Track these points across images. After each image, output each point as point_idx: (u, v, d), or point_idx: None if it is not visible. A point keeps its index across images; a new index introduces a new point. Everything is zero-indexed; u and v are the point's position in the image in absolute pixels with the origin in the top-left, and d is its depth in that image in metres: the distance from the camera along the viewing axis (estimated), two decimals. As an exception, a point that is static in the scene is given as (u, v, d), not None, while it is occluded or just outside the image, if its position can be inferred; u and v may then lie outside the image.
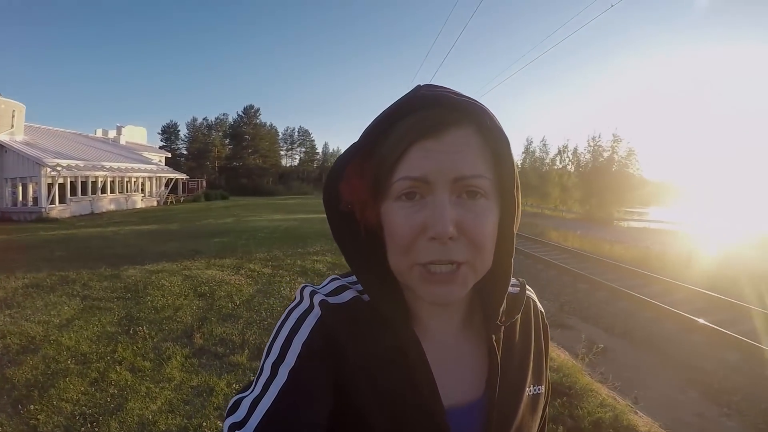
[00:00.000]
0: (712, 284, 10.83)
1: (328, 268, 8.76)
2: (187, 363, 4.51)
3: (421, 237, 0.59)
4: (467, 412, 0.68)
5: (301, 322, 0.64)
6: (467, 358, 0.71)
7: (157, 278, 7.25)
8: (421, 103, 0.61)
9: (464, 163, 0.59)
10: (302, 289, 0.70)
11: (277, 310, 6.10)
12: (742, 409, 5.41)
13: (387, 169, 0.61)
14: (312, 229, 15.30)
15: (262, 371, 0.63)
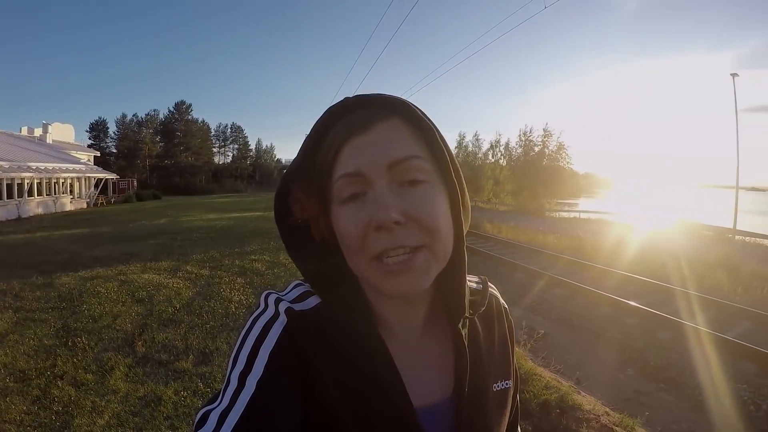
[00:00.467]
0: (641, 269, 11.39)
1: (266, 268, 8.65)
2: (131, 373, 4.35)
3: (369, 231, 0.59)
4: (437, 410, 0.68)
5: (267, 330, 0.63)
6: (434, 357, 0.71)
7: (92, 285, 6.95)
8: (346, 108, 0.64)
9: (394, 148, 0.60)
10: (266, 296, 0.69)
11: (219, 312, 5.98)
12: (678, 383, 5.77)
13: (326, 176, 0.63)
14: (247, 228, 15.12)
15: (229, 382, 0.61)
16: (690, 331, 6.99)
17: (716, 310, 8.49)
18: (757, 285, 10.72)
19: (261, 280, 7.69)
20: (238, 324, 5.53)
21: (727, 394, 5.42)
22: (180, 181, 75.23)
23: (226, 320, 5.73)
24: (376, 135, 0.61)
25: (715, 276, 11.52)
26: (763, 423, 4.91)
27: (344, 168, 0.61)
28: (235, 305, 6.29)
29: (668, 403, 5.37)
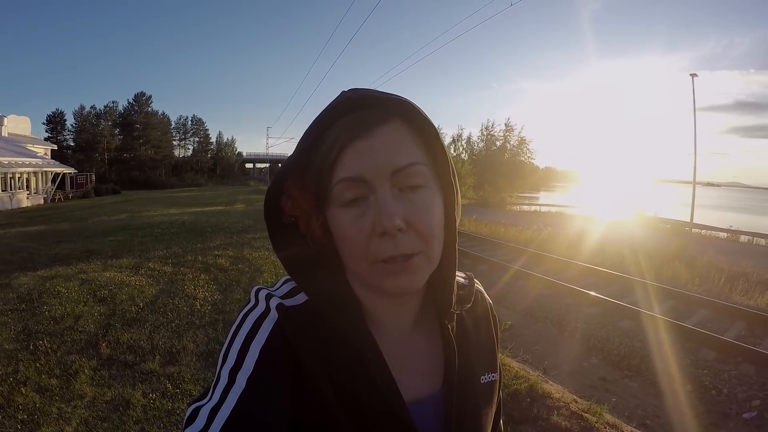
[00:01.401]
0: (601, 261, 11.67)
1: (230, 263, 8.48)
2: (97, 376, 4.19)
3: (372, 236, 0.60)
4: (427, 404, 0.69)
5: (257, 326, 0.63)
6: (423, 352, 0.72)
7: (52, 285, 6.71)
8: (348, 106, 0.63)
9: (398, 155, 0.61)
10: (257, 291, 0.69)
11: (184, 310, 5.84)
12: (641, 370, 5.95)
13: (325, 176, 0.62)
14: (209, 222, 14.81)
15: (219, 378, 0.61)
16: (651, 320, 7.21)
17: (675, 299, 8.80)
18: (714, 275, 11.16)
19: (225, 277, 7.55)
20: (204, 322, 5.44)
21: (688, 379, 5.63)
22: (139, 176, 72.95)
23: (192, 318, 5.59)
24: (379, 139, 0.61)
25: (673, 267, 11.94)
26: (725, 406, 5.12)
27: (346, 172, 0.60)
28: (200, 302, 6.16)
29: (633, 390, 5.53)
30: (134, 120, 79.01)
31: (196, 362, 4.43)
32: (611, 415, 4.18)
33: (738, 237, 23.02)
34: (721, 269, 11.80)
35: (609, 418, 4.04)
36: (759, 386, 5.37)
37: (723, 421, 4.91)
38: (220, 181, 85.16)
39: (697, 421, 4.90)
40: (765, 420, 4.84)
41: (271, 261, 8.67)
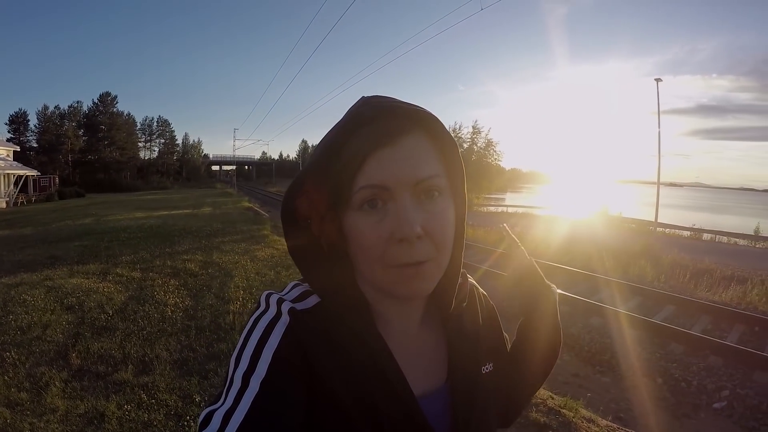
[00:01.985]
0: (569, 260, 11.86)
1: (200, 268, 8.37)
2: (69, 388, 4.03)
3: (390, 242, 0.62)
4: (435, 398, 0.71)
5: (269, 330, 0.64)
6: (428, 348, 0.75)
7: (17, 293, 6.50)
8: (373, 114, 0.64)
9: (419, 166, 0.63)
10: (267, 296, 0.69)
11: (155, 317, 5.70)
12: (612, 365, 6.08)
13: (347, 181, 0.63)
14: (177, 226, 14.58)
15: (233, 382, 0.61)
16: (620, 316, 7.38)
17: (642, 296, 9.03)
18: (679, 272, 11.48)
19: (195, 282, 7.44)
20: (177, 329, 5.33)
21: (659, 373, 5.78)
22: (104, 178, 71.23)
23: (163, 325, 5.46)
24: (402, 150, 0.62)
25: (639, 265, 12.24)
26: (695, 397, 5.29)
27: (369, 179, 0.62)
28: (171, 309, 6.04)
29: (605, 384, 5.64)
30: (99, 121, 77.18)
31: (170, 371, 4.31)
32: (587, 410, 4.26)
33: (701, 235, 23.75)
34: (686, 266, 12.13)
35: (585, 413, 4.12)
36: (727, 377, 5.58)
37: (694, 412, 5.07)
38: (187, 183, 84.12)
39: (670, 413, 5.05)
40: (734, 409, 5.02)
41: (242, 265, 8.60)
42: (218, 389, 0.63)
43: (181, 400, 3.79)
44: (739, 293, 9.76)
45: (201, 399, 3.78)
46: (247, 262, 9.05)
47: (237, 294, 6.62)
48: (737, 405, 5.05)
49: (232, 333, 5.16)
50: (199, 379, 4.12)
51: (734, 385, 5.38)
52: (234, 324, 5.43)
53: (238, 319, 5.58)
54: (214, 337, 5.06)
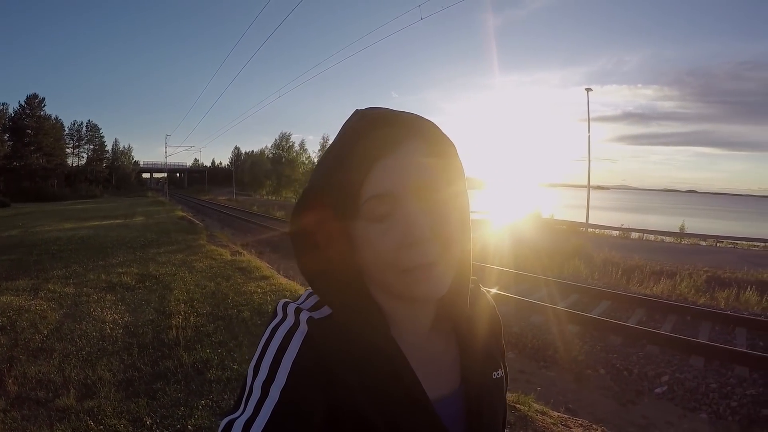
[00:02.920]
0: (506, 262, 12.16)
1: (136, 281, 8.05)
2: (8, 419, 3.69)
3: (401, 247, 0.63)
4: (449, 402, 0.72)
5: (288, 339, 0.64)
6: (440, 353, 0.76)
7: (-61, 314, 6.08)
8: (372, 125, 0.66)
9: (422, 171, 0.64)
10: (284, 305, 0.70)
11: (94, 336, 5.38)
12: (556, 360, 6.34)
13: (353, 192, 0.64)
14: (109, 237, 14.02)
15: (252, 392, 0.62)
16: (559, 313, 7.67)
17: (579, 293, 9.40)
18: (611, 269, 12.13)
19: (132, 296, 7.12)
20: (118, 347, 5.05)
21: (601, 364, 6.07)
22: (30, 186, 66.16)
23: (103, 344, 5.16)
24: (404, 156, 0.64)
25: (573, 264, 12.76)
26: (637, 384, 5.62)
27: (375, 189, 0.63)
28: (109, 326, 5.73)
29: (551, 378, 5.86)
30: (25, 125, 71.87)
31: (115, 393, 4.05)
32: (538, 403, 4.38)
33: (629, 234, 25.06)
34: (617, 264, 12.76)
35: (537, 407, 4.24)
36: (665, 364, 5.92)
37: (638, 398, 5.37)
38: (116, 192, 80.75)
39: (615, 400, 5.33)
40: (675, 392, 5.37)
41: (180, 277, 8.33)
42: (235, 399, 0.63)
43: (131, 424, 3.57)
44: (669, 286, 10.38)
45: (152, 422, 3.57)
46: (186, 273, 8.77)
47: (178, 308, 6.39)
48: (677, 388, 5.40)
49: (176, 349, 4.92)
50: (147, 400, 3.90)
51: (672, 370, 5.73)
52: (178, 339, 5.19)
53: (182, 334, 5.35)
54: (159, 354, 4.83)
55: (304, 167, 67.99)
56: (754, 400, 5.04)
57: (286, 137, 73.42)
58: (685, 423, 4.90)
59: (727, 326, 7.44)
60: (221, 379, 4.22)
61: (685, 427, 4.83)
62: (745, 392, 5.16)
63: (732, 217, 77.07)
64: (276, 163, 70.96)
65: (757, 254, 18.31)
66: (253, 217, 27.80)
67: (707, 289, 10.44)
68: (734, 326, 7.39)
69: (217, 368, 4.45)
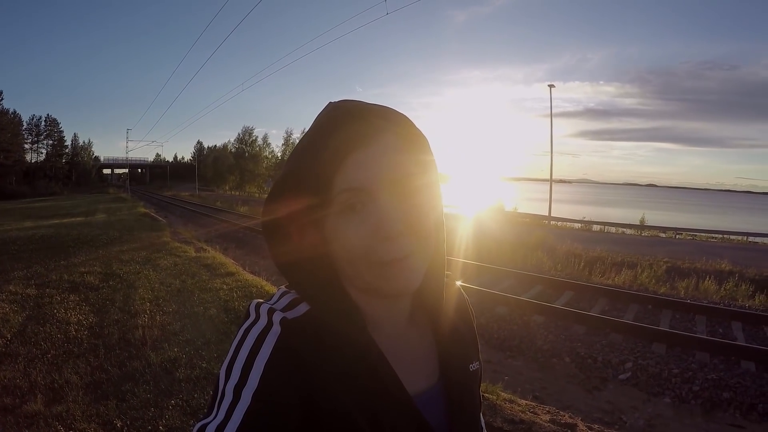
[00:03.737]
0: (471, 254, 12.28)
1: (100, 281, 7.83)
2: None
3: (374, 241, 0.63)
4: (429, 396, 0.72)
5: (261, 341, 0.63)
6: (417, 347, 0.76)
7: None
8: (345, 117, 0.66)
9: (395, 165, 0.64)
10: (256, 306, 0.68)
11: (58, 338, 5.22)
12: (522, 349, 6.50)
13: (325, 185, 0.64)
14: (71, 235, 13.52)
15: (224, 395, 0.61)
16: (524, 304, 7.83)
17: (542, 284, 9.61)
18: (573, 261, 12.42)
19: (97, 296, 6.94)
20: (84, 349, 4.92)
21: (566, 352, 6.23)
22: None
23: (69, 346, 5.01)
24: (378, 150, 0.64)
25: (536, 256, 12.98)
26: (602, 371, 5.80)
27: (348, 182, 0.63)
28: (74, 327, 5.57)
29: (518, 368, 6.00)
30: None
31: (83, 397, 3.94)
32: (506, 392, 4.46)
33: (591, 227, 25.58)
34: (579, 255, 13.05)
35: (505, 395, 4.32)
36: (628, 351, 6.13)
37: (603, 384, 5.55)
38: (77, 188, 78.25)
39: (581, 387, 5.50)
40: (639, 378, 5.57)
41: (144, 275, 8.16)
42: (208, 402, 0.63)
43: (102, 427, 3.49)
44: (631, 277, 10.70)
45: (123, 424, 3.51)
46: (150, 271, 8.59)
47: (144, 307, 6.27)
48: (641, 374, 5.60)
49: (143, 349, 4.84)
50: (116, 402, 3.82)
51: (636, 357, 5.93)
52: (145, 339, 5.09)
53: (149, 333, 5.24)
54: (126, 355, 4.73)
55: (268, 162, 67.59)
56: (715, 384, 5.25)
57: (249, 131, 72.96)
58: (650, 407, 5.08)
59: (688, 314, 7.75)
60: (190, 378, 4.17)
61: (649, 411, 5.00)
62: (706, 377, 5.37)
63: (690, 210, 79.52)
64: (239, 157, 70.27)
65: (714, 245, 19.02)
66: (216, 213, 27.43)
67: (667, 279, 10.86)
68: (694, 314, 7.71)
69: (185, 367, 4.39)
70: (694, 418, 4.90)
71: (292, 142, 62.76)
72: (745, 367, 5.59)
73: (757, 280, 10.90)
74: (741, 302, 8.93)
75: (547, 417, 4.02)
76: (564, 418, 4.05)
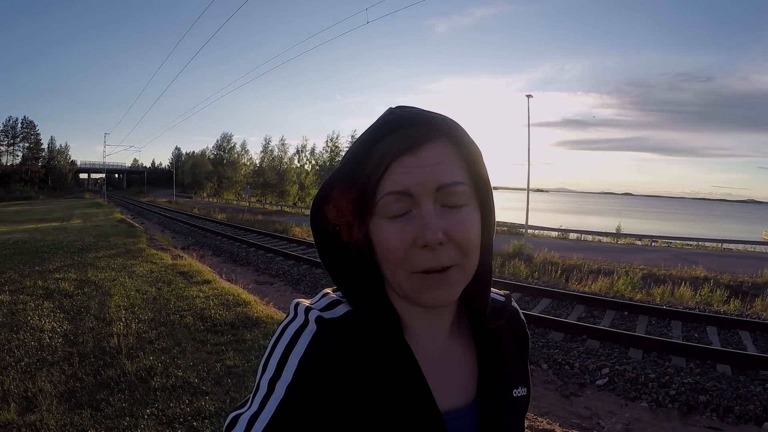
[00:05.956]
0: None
1: (75, 287, 7.71)
2: None
3: (413, 248, 0.62)
4: (462, 415, 0.70)
5: (297, 337, 0.65)
6: (457, 363, 0.73)
7: None
8: (397, 123, 0.65)
9: (442, 173, 0.63)
10: (296, 305, 0.69)
11: (32, 345, 5.11)
12: None
13: (371, 188, 0.64)
14: (46, 241, 13.34)
15: (259, 388, 0.63)
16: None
17: (520, 292, 9.69)
18: (551, 269, 12.56)
19: (71, 303, 6.82)
20: (58, 357, 4.82)
21: (543, 359, 6.28)
22: None
23: (43, 354, 4.91)
24: (426, 156, 0.63)
25: (513, 264, 13.08)
26: (579, 377, 5.86)
27: (393, 186, 0.62)
28: (48, 335, 5.45)
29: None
30: None
31: (57, 405, 3.86)
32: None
33: (568, 235, 25.84)
34: (556, 263, 13.24)
35: (481, 403, 4.29)
36: (605, 357, 6.22)
37: (580, 390, 5.60)
38: (53, 193, 76.60)
39: (558, 393, 5.53)
40: (616, 383, 5.64)
41: (120, 282, 8.04)
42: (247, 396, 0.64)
43: (75, 436, 3.45)
44: (607, 284, 10.85)
45: (97, 433, 3.47)
46: (126, 278, 8.47)
47: (119, 314, 6.16)
48: (618, 380, 5.67)
49: (118, 357, 4.74)
50: (91, 412, 3.74)
51: (613, 362, 6.01)
52: (120, 347, 4.99)
53: (124, 341, 5.14)
54: (101, 363, 4.64)
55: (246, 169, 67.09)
56: (691, 387, 5.33)
57: (227, 138, 72.55)
58: (627, 412, 5.13)
59: (664, 320, 7.88)
60: (166, 387, 4.11)
61: (626, 415, 5.05)
62: (682, 381, 5.44)
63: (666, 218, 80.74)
64: (217, 164, 69.81)
65: (690, 252, 19.28)
66: (194, 220, 27.15)
67: (643, 286, 11.03)
68: (670, 320, 7.84)
69: (161, 376, 4.33)
70: (672, 421, 4.96)
71: (270, 149, 62.41)
72: (721, 371, 5.69)
73: (731, 285, 11.15)
74: (716, 307, 9.10)
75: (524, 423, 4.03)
76: (542, 424, 4.08)
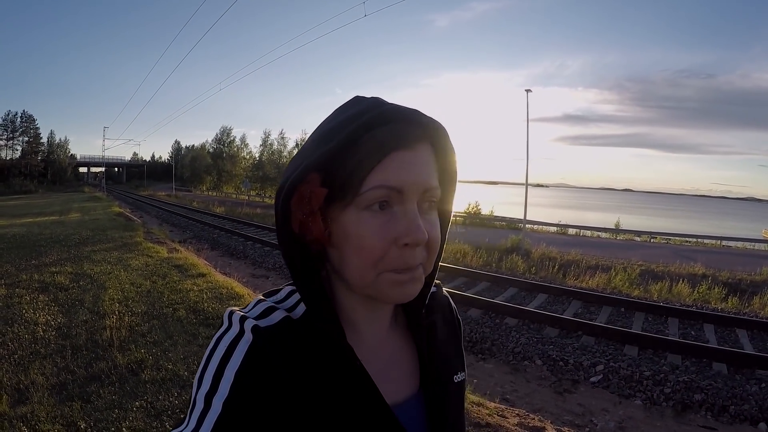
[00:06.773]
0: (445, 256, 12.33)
1: (70, 281, 7.70)
2: None
3: (392, 245, 0.60)
4: (408, 407, 0.70)
5: (232, 349, 0.62)
6: (398, 356, 0.73)
7: None
8: (394, 115, 0.62)
9: (429, 176, 0.63)
10: (230, 314, 0.66)
11: (26, 338, 5.12)
12: (494, 352, 6.53)
13: (359, 177, 0.60)
14: (43, 235, 13.32)
15: (195, 404, 0.60)
16: (497, 307, 7.90)
17: (516, 287, 9.71)
18: (548, 264, 12.55)
19: (66, 296, 6.82)
20: (50, 350, 4.82)
21: (538, 355, 6.27)
22: None
23: (36, 347, 4.91)
24: (419, 156, 0.62)
25: (511, 259, 13.08)
26: (573, 374, 5.85)
27: (386, 180, 0.60)
28: (42, 328, 5.46)
29: (489, 370, 6.02)
30: None
31: (49, 398, 3.86)
32: (475, 395, 4.48)
33: (566, 230, 25.89)
34: (554, 258, 13.23)
35: (474, 398, 4.33)
36: (600, 353, 6.20)
37: (574, 387, 5.59)
38: (52, 187, 76.61)
39: (552, 390, 5.52)
40: (610, 381, 5.63)
41: (115, 276, 8.03)
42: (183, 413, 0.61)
43: (65, 429, 3.42)
44: (605, 279, 10.85)
45: (86, 425, 3.44)
46: (121, 272, 8.46)
47: (113, 307, 6.16)
48: (612, 377, 5.66)
49: (110, 350, 4.75)
50: (81, 404, 3.75)
51: (608, 359, 6.00)
52: (112, 340, 4.99)
53: (116, 334, 5.14)
54: (93, 356, 4.64)
55: (245, 162, 67.11)
56: (686, 386, 5.31)
57: (227, 131, 72.46)
58: (621, 409, 5.12)
59: (660, 317, 7.87)
60: (156, 380, 4.11)
61: (620, 413, 5.04)
62: (678, 379, 5.43)
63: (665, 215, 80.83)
64: (217, 158, 69.75)
65: (688, 249, 19.33)
66: (192, 213, 27.07)
67: (641, 282, 11.02)
68: (667, 317, 7.83)
69: (151, 369, 4.33)
70: (666, 420, 4.95)
71: (270, 143, 62.39)
72: (717, 369, 5.68)
73: (729, 283, 11.16)
74: (714, 305, 9.10)
75: (515, 420, 4.03)
76: (533, 421, 4.07)
